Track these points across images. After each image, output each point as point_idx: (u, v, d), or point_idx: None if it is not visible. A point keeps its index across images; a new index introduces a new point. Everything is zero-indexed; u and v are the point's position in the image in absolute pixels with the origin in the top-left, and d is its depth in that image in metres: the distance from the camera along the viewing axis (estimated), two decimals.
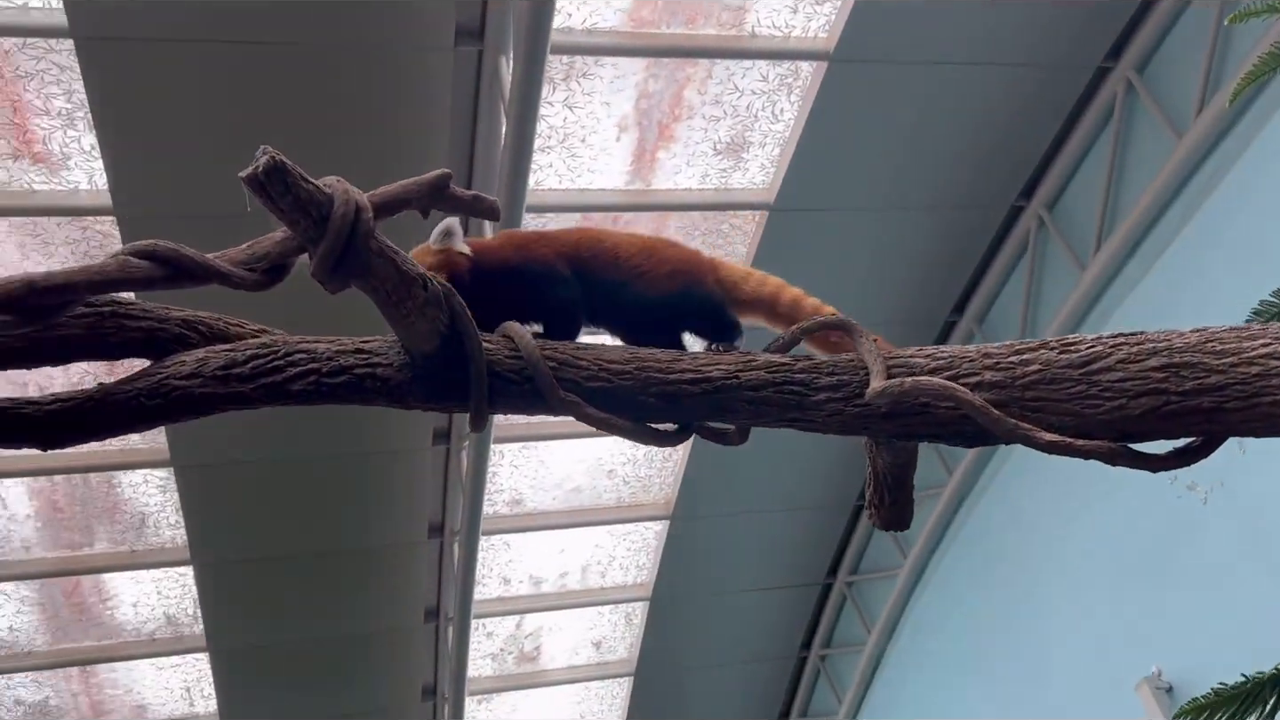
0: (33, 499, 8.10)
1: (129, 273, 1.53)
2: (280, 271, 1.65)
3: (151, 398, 1.72)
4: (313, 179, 1.50)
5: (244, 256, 1.63)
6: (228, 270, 1.59)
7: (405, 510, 8.48)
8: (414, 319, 1.65)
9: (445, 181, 1.67)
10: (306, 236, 1.52)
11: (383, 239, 1.58)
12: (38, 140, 6.31)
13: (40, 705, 9.37)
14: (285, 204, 1.48)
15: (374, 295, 1.62)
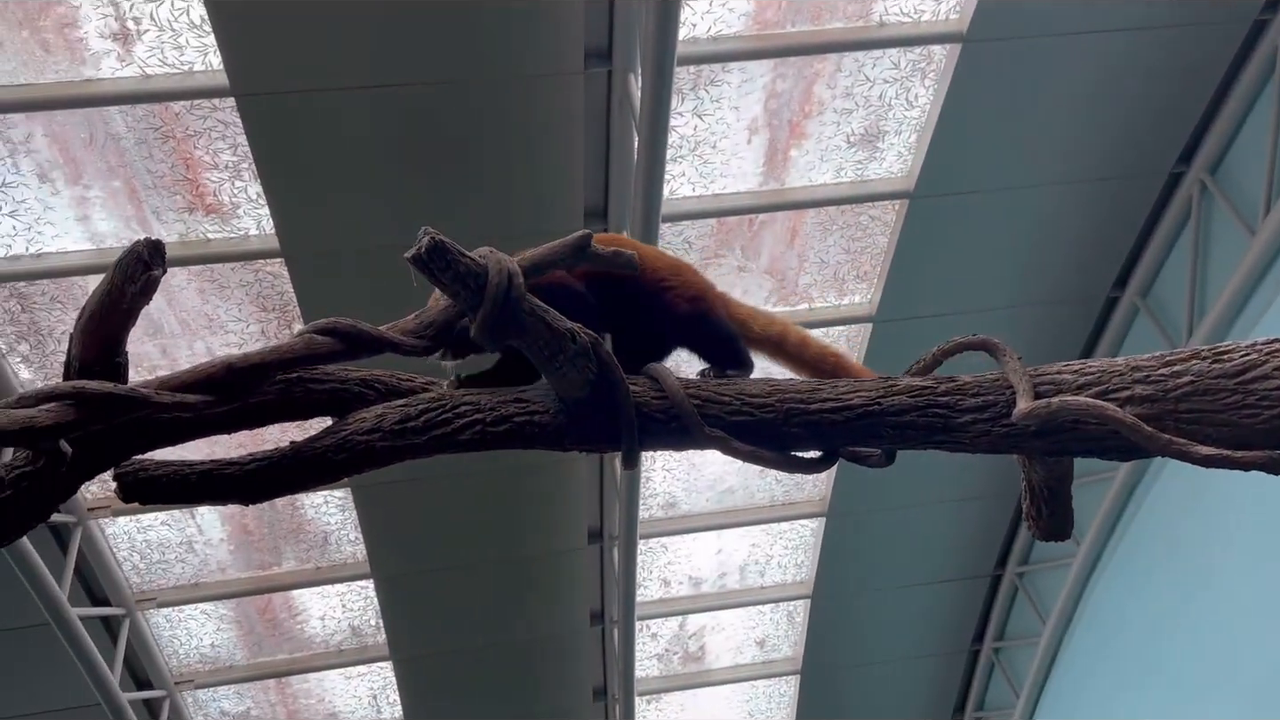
0: (225, 524, 8.74)
1: (313, 349, 1.69)
2: (444, 337, 1.79)
3: (338, 453, 1.89)
4: (468, 252, 1.62)
5: (414, 325, 1.77)
6: (399, 340, 1.74)
7: (565, 517, 8.73)
8: (565, 369, 1.76)
9: (587, 241, 1.77)
10: (467, 304, 1.65)
11: (534, 300, 1.69)
12: (209, 193, 6.83)
13: (243, 715, 10.11)
14: (446, 278, 1.61)
15: (529, 351, 1.74)
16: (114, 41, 5.85)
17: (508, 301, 1.63)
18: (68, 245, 6.76)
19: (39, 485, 1.78)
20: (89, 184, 6.54)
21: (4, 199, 6.45)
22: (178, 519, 8.50)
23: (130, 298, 1.68)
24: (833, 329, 8.25)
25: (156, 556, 8.74)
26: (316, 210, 6.58)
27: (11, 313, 7.13)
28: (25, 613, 7.57)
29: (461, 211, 6.60)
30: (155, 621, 9.12)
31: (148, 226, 6.79)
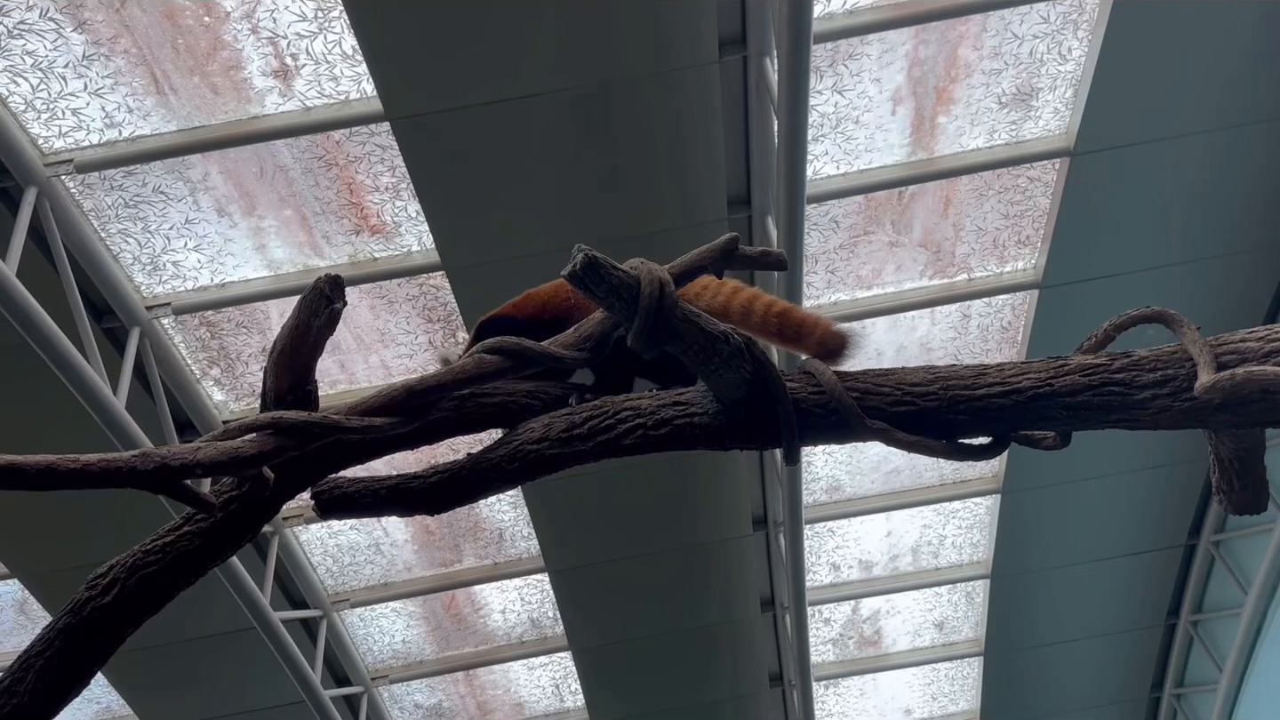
0: (408, 526, 9.20)
1: (483, 368, 1.79)
2: (603, 346, 1.85)
3: (511, 462, 1.98)
4: (620, 265, 1.67)
5: (573, 339, 1.84)
6: (561, 353, 1.81)
7: (729, 505, 8.77)
8: (721, 371, 1.78)
9: (734, 245, 1.79)
10: (622, 315, 1.70)
11: (686, 306, 1.73)
12: (373, 214, 7.19)
13: (435, 707, 10.62)
14: (601, 291, 1.66)
15: (684, 355, 1.77)
16: (275, 79, 6.22)
17: (660, 310, 1.67)
18: (248, 273, 7.25)
19: (246, 507, 1.94)
20: (263, 214, 6.99)
21: (189, 235, 6.97)
22: (365, 524, 8.99)
23: (316, 331, 1.81)
24: (996, 298, 7.97)
25: (347, 560, 9.28)
26: (471, 222, 6.82)
27: (202, 340, 7.71)
28: (232, 618, 8.18)
29: (609, 211, 6.72)
30: (350, 621, 9.69)
31: (319, 250, 7.22)
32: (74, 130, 6.24)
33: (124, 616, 2.12)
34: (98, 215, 6.71)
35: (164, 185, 6.64)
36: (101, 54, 5.93)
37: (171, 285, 7.18)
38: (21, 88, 5.96)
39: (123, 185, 6.60)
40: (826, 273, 7.62)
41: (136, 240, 6.90)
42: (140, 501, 6.94)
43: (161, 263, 7.05)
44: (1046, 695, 10.90)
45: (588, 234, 6.67)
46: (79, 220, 6.60)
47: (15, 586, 8.36)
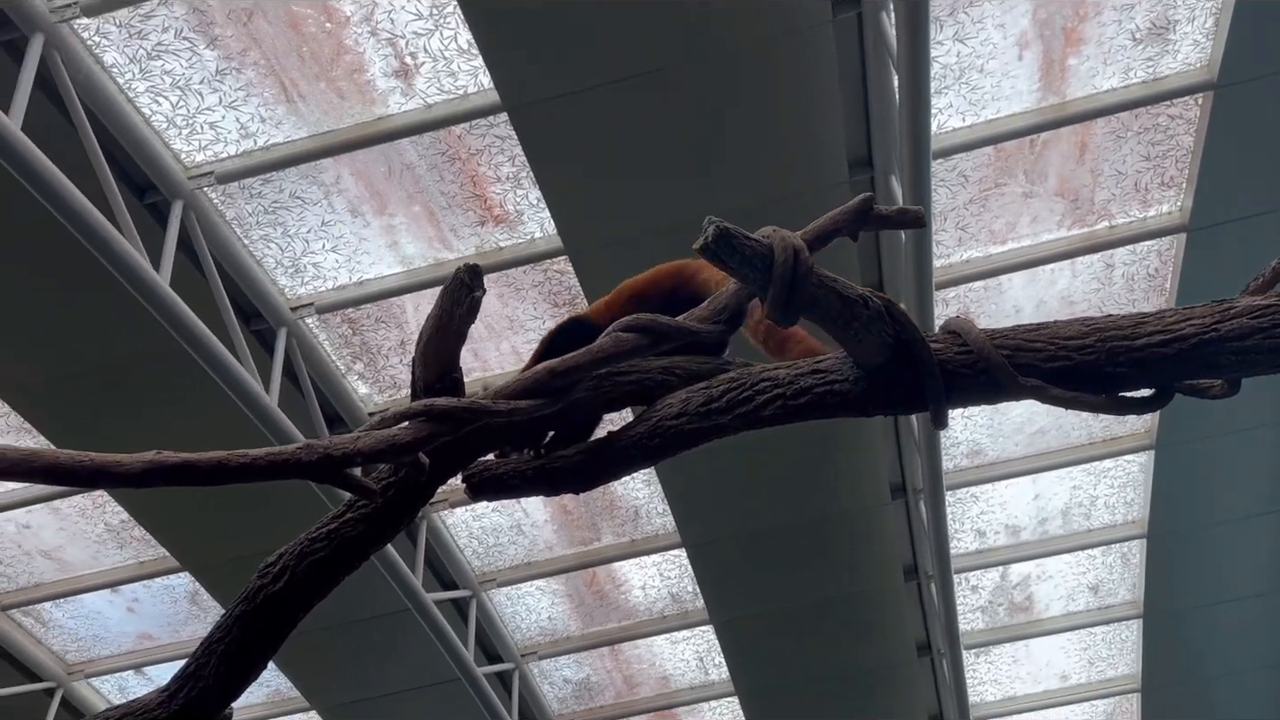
0: (546, 506, 9.40)
1: (620, 346, 1.80)
2: (738, 319, 1.84)
3: (651, 438, 2.00)
4: (752, 235, 1.66)
5: (708, 313, 1.84)
6: (697, 328, 1.81)
7: (865, 473, 8.63)
8: (861, 335, 1.75)
9: (869, 205, 1.75)
10: (756, 285, 1.68)
11: (821, 271, 1.70)
12: (496, 204, 7.33)
13: (584, 682, 10.85)
14: (734, 262, 1.65)
15: (823, 323, 1.75)
16: (396, 79, 6.40)
17: (796, 278, 1.65)
18: (383, 270, 7.51)
19: (404, 493, 2.02)
20: (393, 213, 7.22)
21: (326, 236, 7.26)
22: (506, 506, 9.24)
23: (459, 320, 1.86)
24: (1141, 245, 7.58)
25: (491, 541, 9.55)
26: (591, 205, 6.88)
27: (345, 336, 8.03)
28: (387, 601, 8.53)
29: (727, 183, 6.67)
30: (498, 600, 9.99)
31: (447, 244, 7.41)
32: (213, 143, 6.57)
33: (295, 601, 2.24)
34: (240, 223, 7.06)
35: (299, 190, 6.93)
36: (233, 68, 6.22)
37: (313, 286, 7.50)
38: (163, 106, 6.31)
39: (261, 193, 6.92)
40: (957, 230, 7.39)
41: (278, 245, 7.23)
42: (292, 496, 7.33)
43: (302, 265, 7.37)
44: (1212, 657, 10.39)
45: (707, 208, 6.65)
46: (223, 229, 6.96)
47: (186, 579, 8.93)
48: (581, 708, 11.02)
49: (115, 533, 8.68)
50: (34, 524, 8.56)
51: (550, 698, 10.86)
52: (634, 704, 10.97)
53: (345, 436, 1.80)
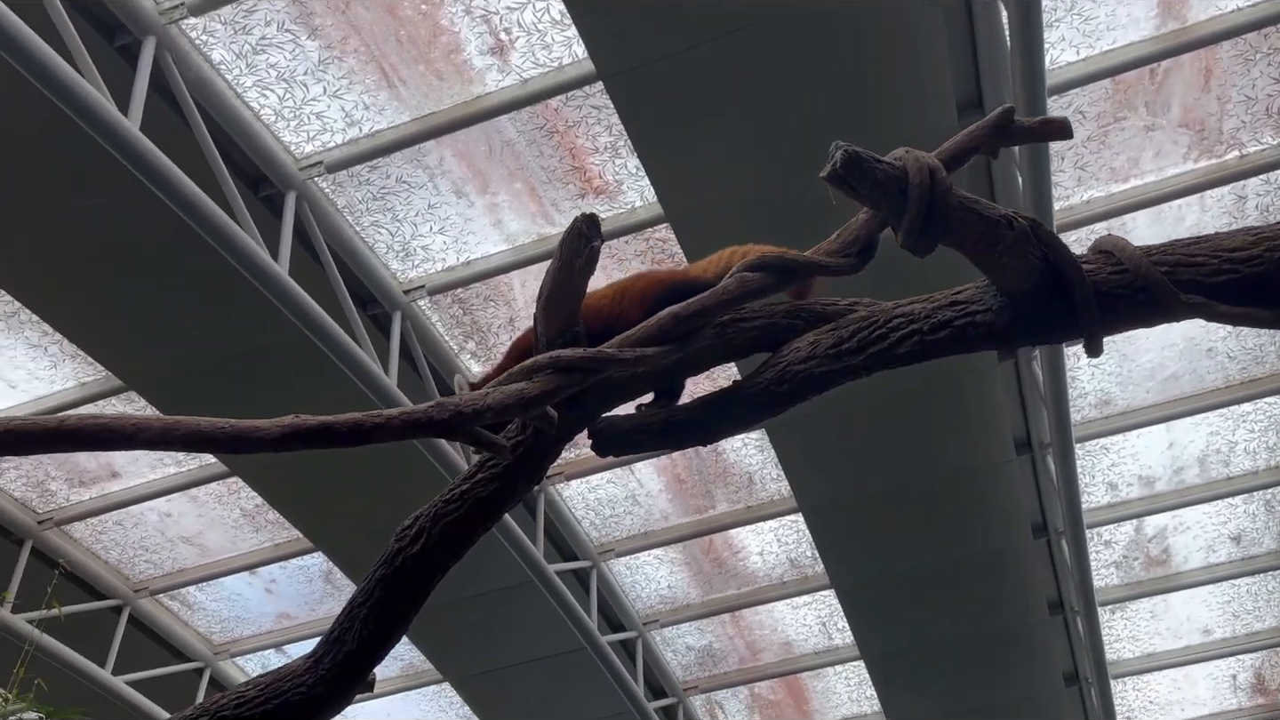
0: (660, 476, 9.41)
1: (746, 286, 1.75)
2: (870, 251, 1.76)
3: (779, 384, 1.94)
4: (883, 158, 1.57)
5: (836, 246, 1.76)
6: (827, 262, 1.74)
7: (986, 430, 8.36)
8: (1006, 260, 1.65)
9: (1009, 118, 1.65)
10: (890, 212, 1.60)
11: (960, 192, 1.61)
12: (595, 175, 7.32)
13: (706, 649, 10.88)
14: (865, 188, 1.57)
15: (962, 248, 1.65)
16: (492, 55, 6.42)
17: (934, 200, 1.56)
18: (489, 249, 7.59)
19: (534, 449, 2.01)
20: (495, 191, 7.28)
21: (433, 219, 7.37)
22: (620, 476, 9.29)
23: (578, 271, 1.83)
24: (1275, 173, 7.12)
25: (608, 512, 9.63)
26: (690, 170, 6.80)
27: (455, 316, 8.16)
28: (511, 574, 8.69)
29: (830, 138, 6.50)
30: (617, 570, 10.08)
31: (550, 219, 7.44)
32: (320, 133, 6.72)
33: (432, 562, 2.26)
34: (351, 210, 7.22)
35: (405, 174, 7.04)
36: (334, 56, 6.33)
37: (423, 268, 7.64)
38: (270, 99, 6.47)
39: (369, 179, 7.05)
40: (1076, 169, 7.07)
41: (388, 230, 7.37)
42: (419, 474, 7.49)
43: (412, 248, 7.50)
44: None
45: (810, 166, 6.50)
46: (335, 217, 7.12)
47: (320, 559, 9.26)
48: (705, 674, 11.06)
49: (250, 517, 9.05)
50: (174, 512, 8.99)
51: (674, 665, 10.93)
52: (758, 670, 10.95)
53: (475, 394, 1.79)
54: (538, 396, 1.74)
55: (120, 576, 9.39)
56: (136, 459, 8.50)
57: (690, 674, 11.06)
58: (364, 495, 7.94)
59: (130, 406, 7.87)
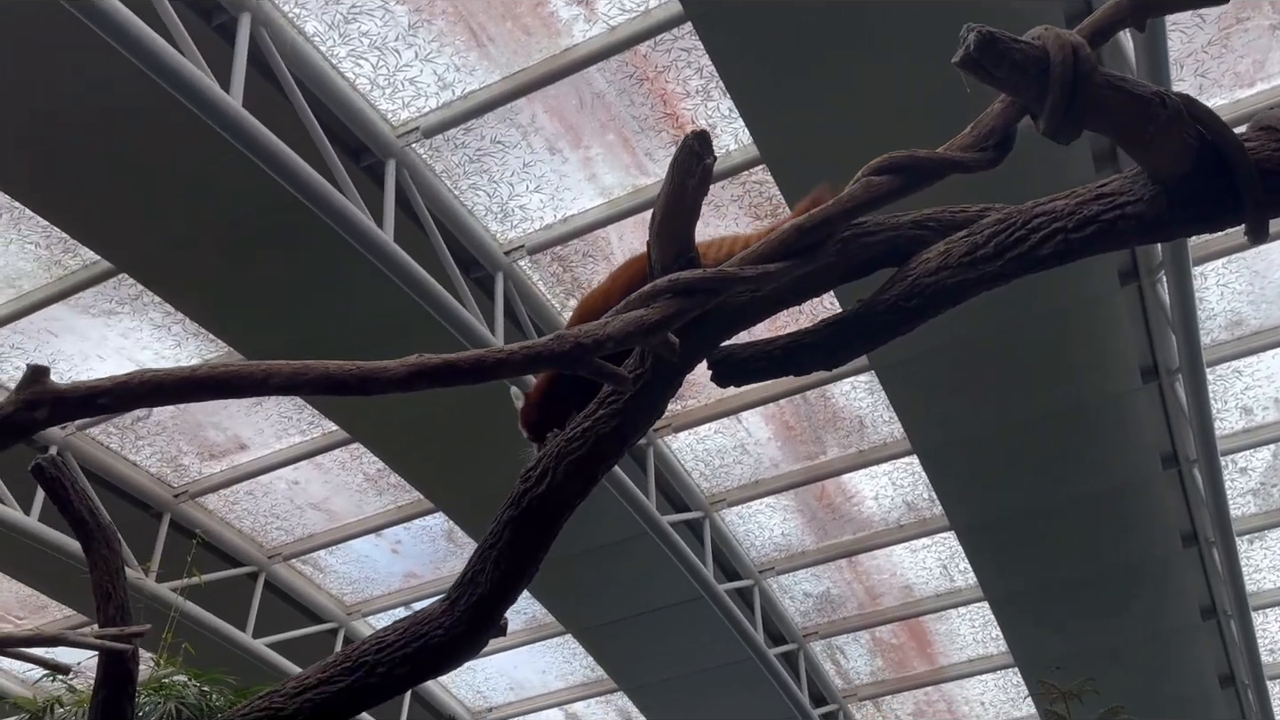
0: (768, 424, 9.33)
1: (873, 192, 1.66)
2: (1007, 143, 1.65)
3: (909, 299, 1.85)
4: (1021, 38, 1.46)
5: (970, 140, 1.66)
6: (961, 158, 1.63)
7: (1111, 357, 8.02)
8: (1157, 142, 1.53)
9: None
10: (1029, 97, 1.49)
11: (1107, 71, 1.49)
12: (687, 121, 7.20)
13: (824, 595, 10.81)
14: (1003, 72, 1.47)
15: (1109, 131, 1.54)
16: (578, 5, 6.35)
17: (1076, 79, 1.45)
18: (585, 204, 7.57)
19: (654, 380, 1.98)
20: (588, 145, 7.23)
21: (528, 178, 7.38)
22: (727, 426, 9.25)
23: (691, 191, 1.77)
24: None
25: (717, 462, 9.60)
26: (787, 108, 6.62)
27: (556, 274, 8.18)
28: (625, 527, 8.76)
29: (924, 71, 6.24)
30: (729, 520, 10.07)
31: (644, 169, 7.36)
32: (414, 99, 6.77)
33: (558, 501, 2.26)
34: (449, 175, 7.28)
35: (499, 135, 7.05)
36: (424, 20, 6.35)
37: (522, 228, 7.67)
38: (364, 68, 6.54)
39: (464, 142, 7.09)
40: (1196, 76, 6.64)
41: (485, 192, 7.41)
42: None
43: (510, 209, 7.53)
44: None
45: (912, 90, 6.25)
46: (434, 182, 7.19)
47: (441, 519, 9.49)
48: (824, 620, 11.01)
49: (373, 481, 9.32)
50: (301, 479, 9.32)
51: (792, 611, 10.90)
52: (878, 614, 10.85)
53: (594, 324, 1.76)
54: (658, 322, 1.70)
55: (254, 544, 9.81)
56: (262, 430, 8.83)
57: (809, 620, 11.02)
58: (480, 456, 8.08)
59: None
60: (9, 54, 5.79)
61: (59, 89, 5.94)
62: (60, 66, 5.82)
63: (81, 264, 7.47)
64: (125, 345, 8.03)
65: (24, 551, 8.46)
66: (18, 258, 7.43)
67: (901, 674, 11.49)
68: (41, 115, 6.09)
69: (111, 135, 6.15)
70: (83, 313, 7.83)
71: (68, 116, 6.09)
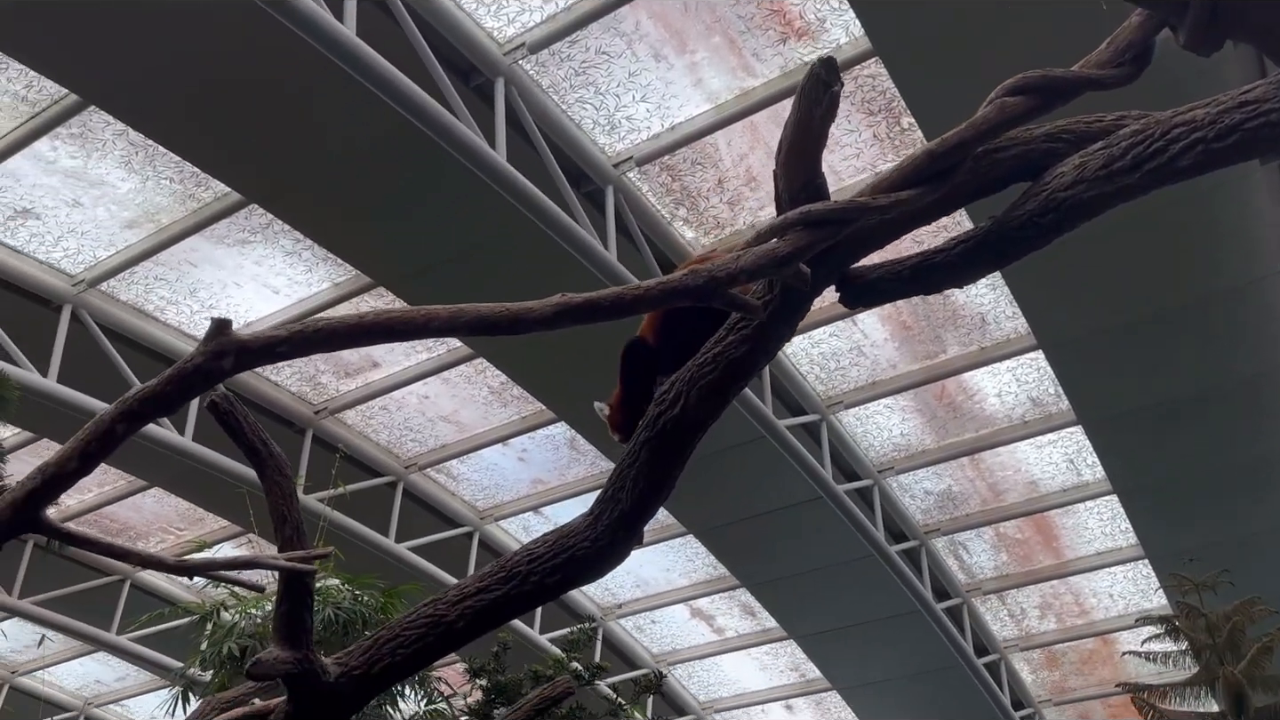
0: (884, 325, 9.24)
1: (1008, 113, 1.65)
2: (1146, 57, 1.61)
3: (1043, 214, 1.84)
4: None
5: (1107, 55, 1.63)
6: (1098, 75, 1.61)
7: (1248, 242, 7.63)
8: None
9: None
10: (1168, 10, 1.45)
11: None
12: (795, 17, 7.02)
13: (945, 493, 10.80)
14: None
15: (1255, 40, 1.48)
16: None
17: None
18: (692, 111, 7.50)
19: (784, 306, 2.03)
20: (694, 49, 7.13)
21: (634, 88, 7.34)
22: (842, 328, 9.20)
23: (819, 120, 1.79)
24: None
25: (833, 365, 9.59)
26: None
27: (665, 185, 8.18)
28: (743, 431, 8.87)
29: None
30: (846, 421, 10.09)
31: (751, 70, 7.23)
32: (519, 14, 6.77)
33: (691, 423, 2.35)
34: (555, 90, 7.30)
35: (603, 45, 7.01)
36: None
37: (629, 140, 7.67)
38: None
39: (569, 55, 7.08)
40: None
41: (592, 105, 7.42)
42: None
43: (617, 120, 7.53)
44: None
45: None
46: (541, 98, 7.23)
47: (563, 428, 9.79)
48: (946, 517, 11.02)
49: (498, 393, 9.66)
50: (431, 394, 9.72)
51: (913, 509, 10.94)
52: (1002, 510, 10.79)
53: (727, 257, 1.81)
54: (790, 254, 1.74)
55: (391, 455, 10.33)
56: (392, 348, 9.20)
57: (930, 518, 11.05)
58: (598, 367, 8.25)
59: (380, 301, 8.48)
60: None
61: (181, 28, 6.14)
62: (181, 6, 6.02)
63: (214, 196, 7.82)
64: (260, 272, 8.42)
65: (181, 469, 9.11)
66: (155, 193, 7.83)
67: (1026, 568, 11.46)
68: (168, 55, 6.32)
69: (233, 71, 6.36)
70: (218, 243, 8.23)
71: (192, 55, 6.31)
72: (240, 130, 6.80)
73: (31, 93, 7.03)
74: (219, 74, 6.36)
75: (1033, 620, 12.15)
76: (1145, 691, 9.70)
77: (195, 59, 6.31)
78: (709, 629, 12.61)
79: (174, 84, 6.49)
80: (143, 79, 6.41)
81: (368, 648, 2.49)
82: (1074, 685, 12.76)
